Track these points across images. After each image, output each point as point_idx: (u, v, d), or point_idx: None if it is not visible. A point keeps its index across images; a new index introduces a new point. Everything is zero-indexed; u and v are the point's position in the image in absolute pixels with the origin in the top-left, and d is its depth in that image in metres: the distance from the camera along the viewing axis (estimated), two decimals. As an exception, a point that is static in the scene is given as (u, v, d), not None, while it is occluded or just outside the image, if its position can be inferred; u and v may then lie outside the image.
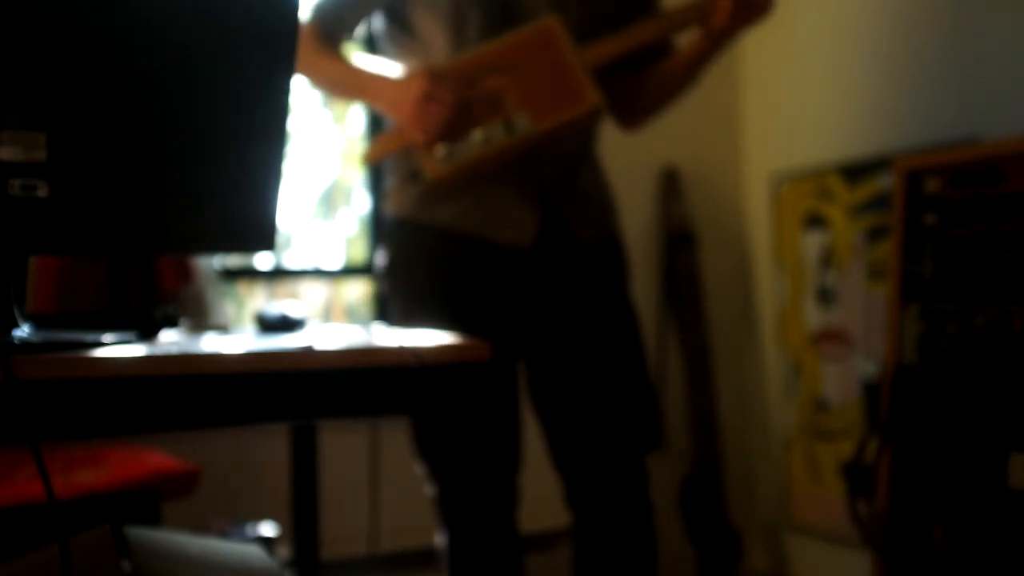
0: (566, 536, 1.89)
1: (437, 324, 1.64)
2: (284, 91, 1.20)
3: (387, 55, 1.84)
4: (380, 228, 2.81)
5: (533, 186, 1.74)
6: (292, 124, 1.24)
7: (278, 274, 2.79)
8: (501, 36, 1.72)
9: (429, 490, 1.82)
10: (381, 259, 1.87)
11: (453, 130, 1.66)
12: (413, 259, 1.79)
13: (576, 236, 1.77)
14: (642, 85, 1.86)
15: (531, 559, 2.01)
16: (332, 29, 1.80)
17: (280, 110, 1.21)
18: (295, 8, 1.19)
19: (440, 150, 1.70)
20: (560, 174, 1.77)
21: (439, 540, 1.84)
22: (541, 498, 1.96)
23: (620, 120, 1.93)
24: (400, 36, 1.82)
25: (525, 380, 1.84)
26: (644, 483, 1.80)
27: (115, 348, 1.17)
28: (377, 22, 1.86)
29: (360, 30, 1.86)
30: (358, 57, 1.83)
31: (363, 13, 1.83)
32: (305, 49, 1.79)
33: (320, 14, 1.80)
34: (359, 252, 2.91)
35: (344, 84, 1.82)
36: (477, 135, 1.69)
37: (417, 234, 1.78)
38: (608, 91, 1.77)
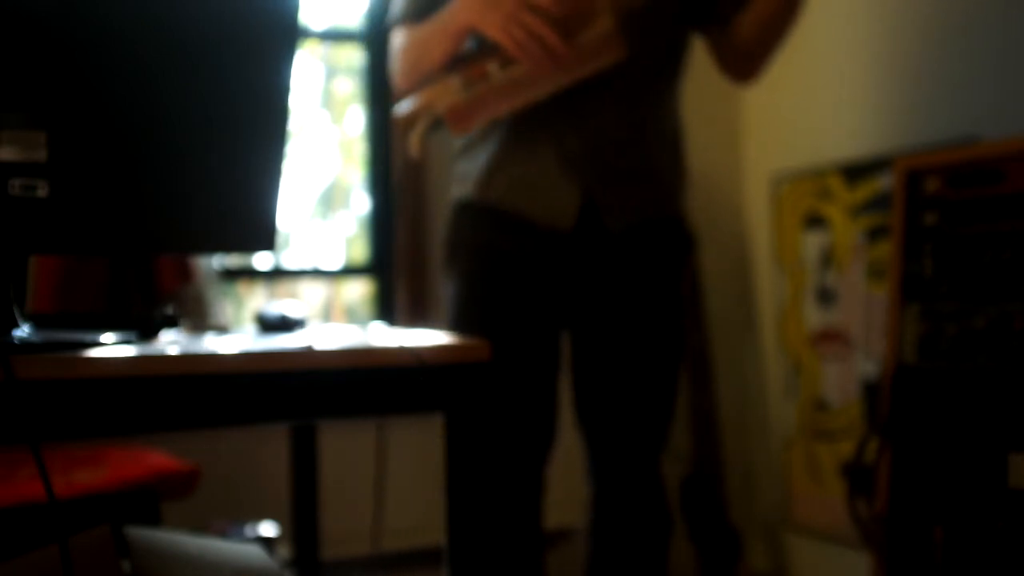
0: (578, 534, 1.89)
1: (481, 301, 1.74)
2: (284, 91, 1.20)
3: None
4: (380, 227, 2.82)
5: (573, 166, 1.71)
6: (292, 124, 1.24)
7: (278, 274, 2.79)
8: None
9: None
10: (443, 247, 1.86)
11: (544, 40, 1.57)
12: (464, 237, 1.80)
13: (605, 225, 1.75)
14: (736, 33, 1.77)
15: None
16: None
17: (280, 110, 1.21)
18: (296, 7, 1.19)
19: (455, 81, 1.64)
20: (598, 152, 1.73)
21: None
22: (554, 495, 1.96)
23: (733, 75, 1.84)
24: None
25: (568, 352, 1.85)
26: (659, 467, 1.85)
27: (115, 348, 1.17)
28: None
29: None
30: None
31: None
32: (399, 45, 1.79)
33: (412, 13, 1.78)
34: (359, 252, 2.91)
35: (429, 35, 1.73)
36: (492, 68, 1.62)
37: (472, 213, 1.79)
38: (709, 47, 1.81)
